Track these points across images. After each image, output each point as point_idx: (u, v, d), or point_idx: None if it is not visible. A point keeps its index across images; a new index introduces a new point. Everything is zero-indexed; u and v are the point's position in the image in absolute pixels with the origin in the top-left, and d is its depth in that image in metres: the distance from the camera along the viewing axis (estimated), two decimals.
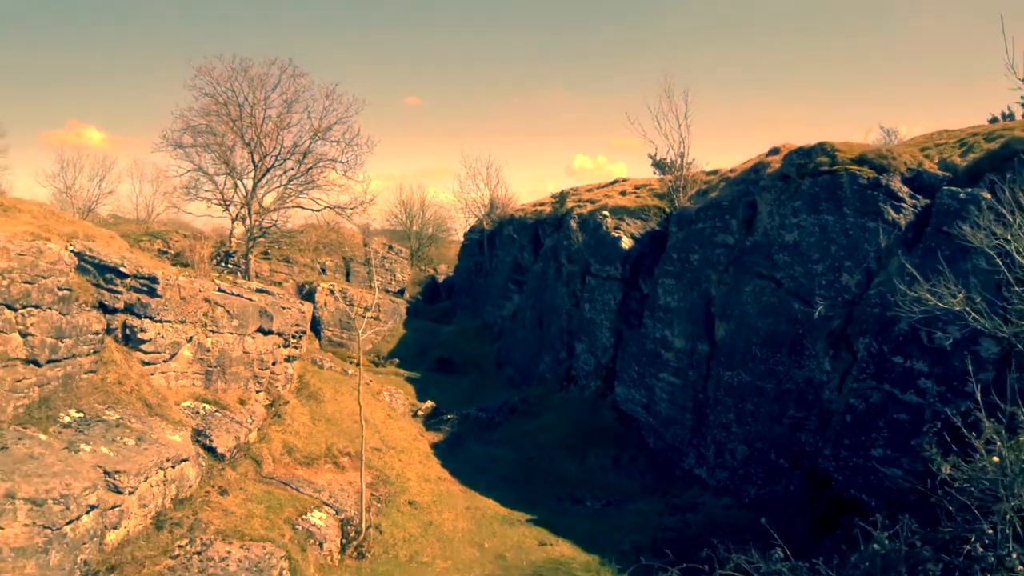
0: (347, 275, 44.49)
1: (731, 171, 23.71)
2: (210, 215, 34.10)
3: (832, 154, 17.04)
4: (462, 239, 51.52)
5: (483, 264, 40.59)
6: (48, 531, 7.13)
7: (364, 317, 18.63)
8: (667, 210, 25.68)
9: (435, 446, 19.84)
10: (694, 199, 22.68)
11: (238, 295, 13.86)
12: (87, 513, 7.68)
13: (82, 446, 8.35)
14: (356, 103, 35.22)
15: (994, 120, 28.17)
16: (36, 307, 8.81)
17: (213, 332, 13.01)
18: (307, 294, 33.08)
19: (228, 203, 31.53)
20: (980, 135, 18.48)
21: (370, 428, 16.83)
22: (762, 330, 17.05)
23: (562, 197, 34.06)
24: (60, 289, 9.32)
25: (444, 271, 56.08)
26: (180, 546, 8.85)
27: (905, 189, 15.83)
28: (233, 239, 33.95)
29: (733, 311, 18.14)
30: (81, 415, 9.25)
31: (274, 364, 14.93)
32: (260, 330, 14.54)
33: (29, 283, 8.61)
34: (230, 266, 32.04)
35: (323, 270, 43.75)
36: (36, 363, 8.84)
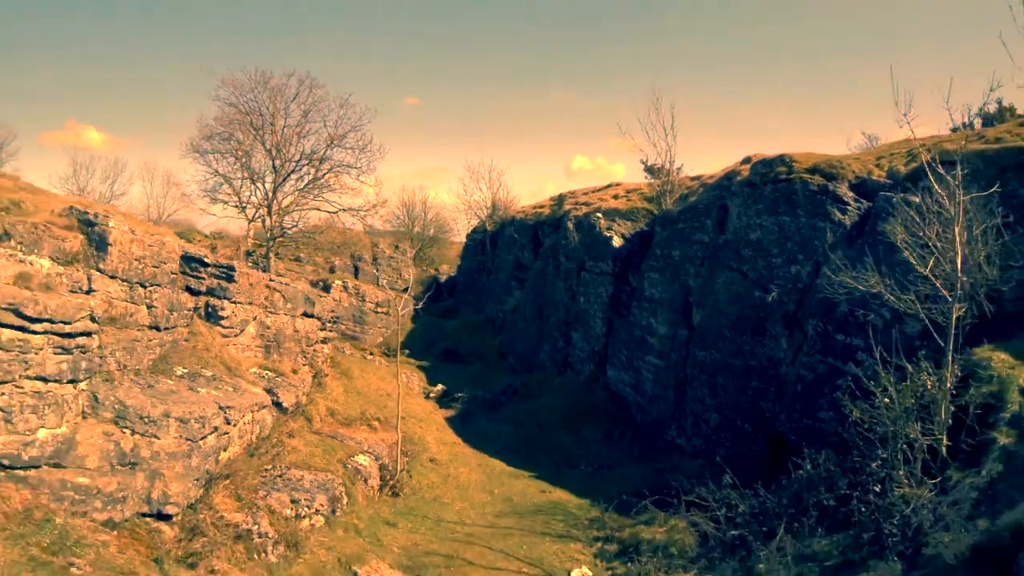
0: (355, 273, 47.47)
1: (709, 177, 26.81)
2: (226, 216, 36.71)
3: (790, 164, 20.12)
4: (464, 239, 54.55)
5: (486, 263, 43.58)
6: (190, 442, 10.09)
7: (401, 299, 21.62)
8: (654, 212, 28.75)
9: (448, 420, 22.83)
10: (677, 203, 25.77)
11: (288, 284, 16.88)
12: (211, 434, 10.65)
13: (199, 389, 11.33)
14: (368, 112, 38.31)
15: (955, 129, 31.57)
16: (158, 285, 11.81)
17: (272, 313, 16.02)
18: (322, 289, 36.06)
19: (245, 205, 34.29)
20: (925, 146, 21.60)
21: (394, 400, 19.78)
22: (731, 315, 20.09)
23: (560, 200, 37.13)
24: (172, 273, 12.33)
25: (446, 271, 58.98)
26: (267, 469, 11.83)
27: (850, 194, 18.87)
28: (249, 239, 36.83)
29: (707, 299, 21.19)
30: (187, 370, 12.24)
31: (315, 343, 17.94)
32: (305, 314, 17.56)
33: (155, 267, 11.61)
34: (249, 263, 35.00)
35: (332, 269, 46.85)
36: (157, 328, 11.83)
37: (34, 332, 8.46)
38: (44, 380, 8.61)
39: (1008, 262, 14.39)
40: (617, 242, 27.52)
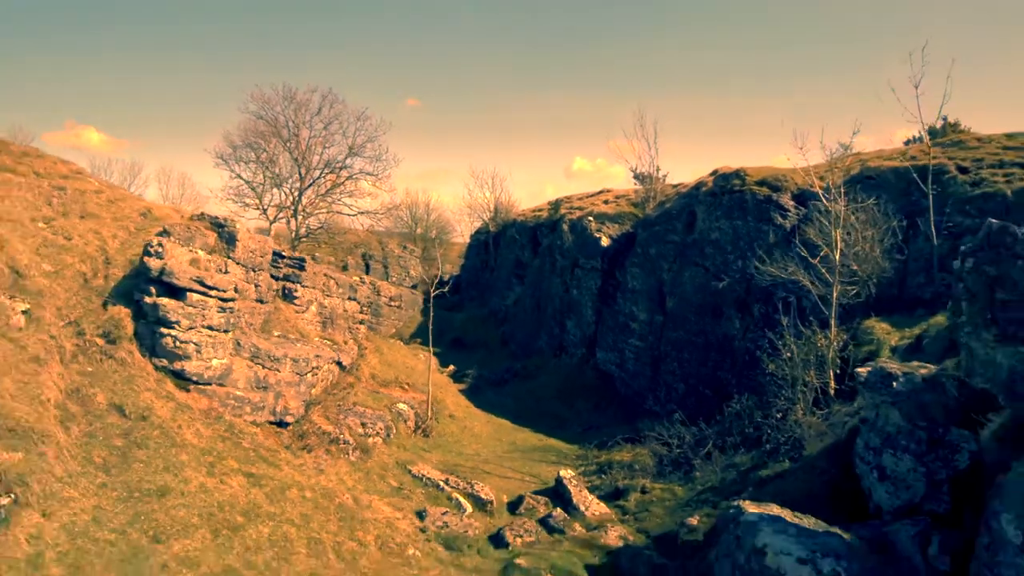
0: (367, 270, 52.34)
1: (684, 186, 31.71)
2: (248, 217, 40.93)
3: (743, 177, 25.00)
4: (466, 240, 59.27)
5: (488, 261, 48.38)
6: (298, 375, 14.86)
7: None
8: (639, 215, 33.61)
9: (461, 391, 27.63)
10: (656, 208, 30.65)
11: (339, 275, 21.71)
12: (309, 372, 15.44)
13: (296, 344, 16.13)
14: (383, 124, 43.12)
15: (909, 142, 36.68)
16: (262, 271, 16.61)
17: (327, 296, 20.83)
18: None
19: (266, 208, 38.86)
20: (858, 162, 26.54)
21: (416, 373, 24.54)
22: (695, 302, 24.93)
23: (557, 204, 42.01)
24: (268, 263, 17.15)
25: (448, 270, 63.69)
26: (340, 403, 16.63)
27: (791, 203, 23.76)
28: (272, 239, 41.58)
29: (677, 290, 26.04)
30: (279, 333, 17.02)
31: (356, 323, 22.79)
32: (350, 298, 22.38)
33: (261, 258, 16.41)
34: None
35: (345, 266, 51.77)
36: (261, 301, 16.61)
37: (208, 296, 13.24)
38: (212, 328, 13.36)
39: (896, 256, 19.25)
40: (605, 242, 32.37)
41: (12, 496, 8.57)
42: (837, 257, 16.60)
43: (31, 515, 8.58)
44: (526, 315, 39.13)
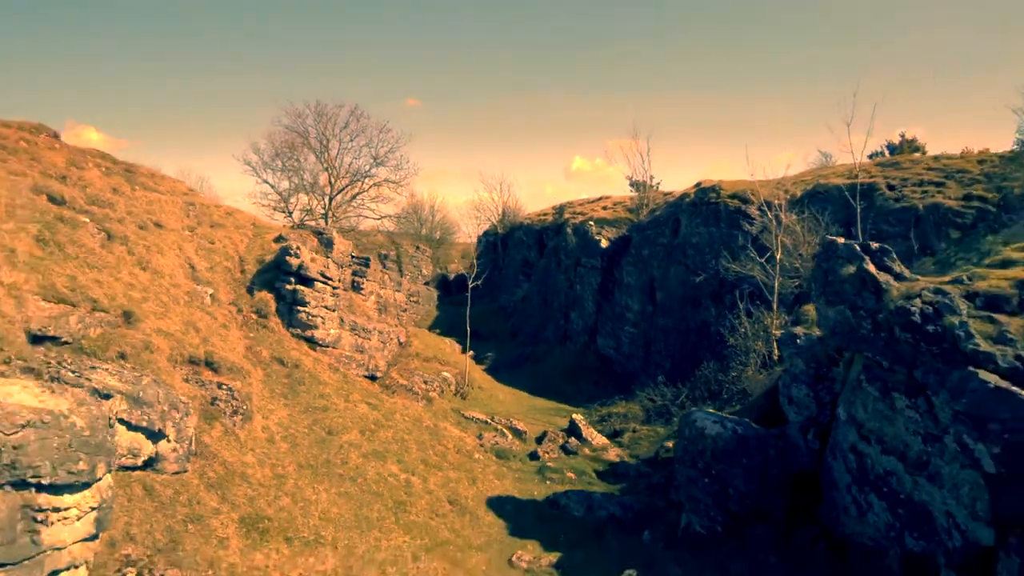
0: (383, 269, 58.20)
1: (672, 194, 37.81)
2: (275, 220, 46.52)
3: (718, 191, 31.11)
4: (470, 240, 65.15)
5: (497, 260, 54.34)
6: (382, 344, 20.87)
7: (471, 283, 32.40)
8: (633, 220, 39.69)
9: (483, 371, 33.59)
10: (648, 215, 36.76)
11: (391, 270, 27.73)
12: (388, 343, 21.45)
13: (373, 321, 22.11)
14: (403, 136, 49.02)
15: (877, 153, 42.96)
16: (346, 266, 22.58)
17: (382, 288, 26.81)
18: None
19: (291, 211, 44.54)
20: (818, 176, 32.71)
21: (446, 354, 30.45)
22: (678, 295, 31.01)
23: (560, 209, 48.08)
24: (348, 262, 23.14)
25: (454, 269, 69.58)
26: (405, 368, 22.62)
27: (756, 213, 29.84)
28: None
29: (665, 284, 32.13)
30: (355, 314, 22.98)
31: (400, 311, 28.78)
32: (396, 289, 28.37)
33: (346, 256, 22.39)
34: None
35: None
36: (344, 289, 22.56)
37: (326, 284, 19.20)
38: (327, 308, 19.30)
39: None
40: (604, 244, 38.45)
41: (245, 406, 14.53)
42: (778, 257, 22.70)
43: (257, 417, 14.52)
44: (533, 309, 45.17)
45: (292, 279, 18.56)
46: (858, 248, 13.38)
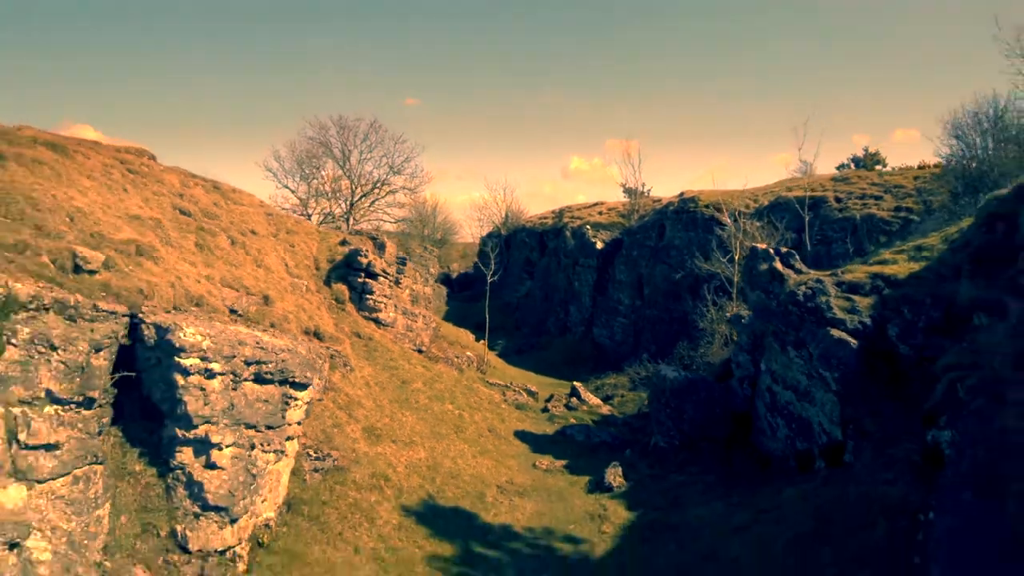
0: None
1: (660, 201, 44.62)
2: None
3: (696, 201, 37.93)
4: (469, 240, 71.61)
5: (502, 260, 60.92)
6: (424, 327, 27.50)
7: (490, 277, 39.06)
8: (625, 224, 46.48)
9: (495, 355, 40.25)
10: (637, 220, 43.56)
11: (421, 268, 34.41)
12: (430, 325, 28.08)
13: (415, 308, 28.73)
14: (417, 147, 55.67)
15: (844, 165, 49.97)
16: (394, 264, 29.21)
17: (414, 284, 33.45)
18: None
19: (310, 215, 51.04)
20: (786, 188, 39.62)
21: (464, 340, 37.07)
22: (663, 289, 37.78)
23: (560, 213, 54.81)
24: (393, 261, 29.78)
25: (456, 268, 76.14)
26: (440, 346, 29.28)
27: (728, 220, 36.68)
28: None
29: (651, 281, 38.91)
30: (402, 302, 29.62)
31: (428, 302, 35.43)
32: (426, 284, 35.06)
33: (393, 256, 29.02)
34: None
35: None
36: (391, 283, 29.21)
37: (386, 279, 25.80)
38: (387, 296, 25.90)
39: None
40: (599, 245, 45.21)
41: (349, 362, 21.13)
42: (737, 257, 29.50)
43: (353, 371, 21.14)
44: (536, 304, 51.90)
45: (362, 274, 25.15)
46: (772, 251, 20.16)
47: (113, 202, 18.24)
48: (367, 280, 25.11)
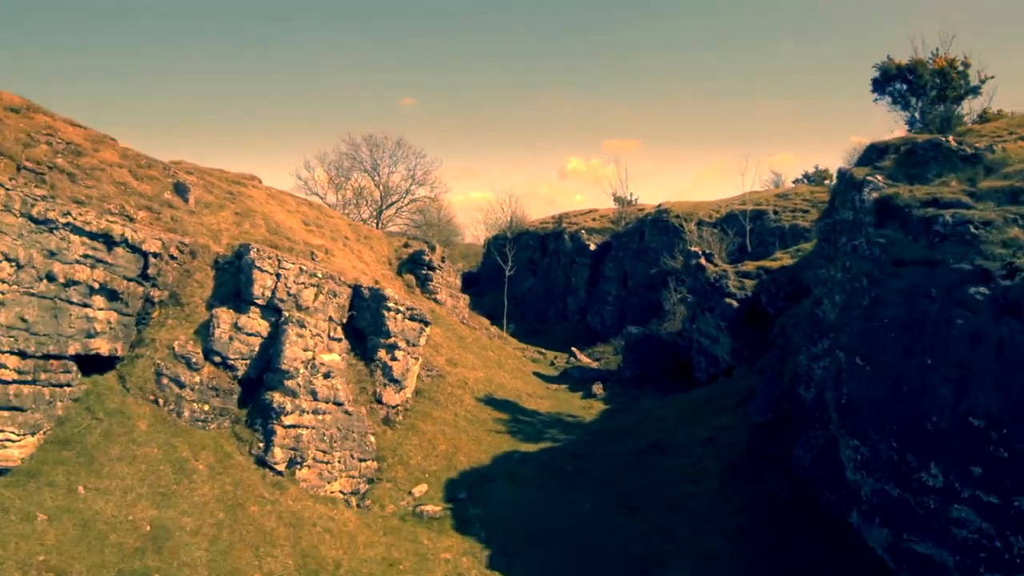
0: None
1: (644, 209, 58.89)
2: None
3: (668, 211, 52.20)
4: (479, 242, 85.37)
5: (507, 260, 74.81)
6: (464, 305, 41.41)
7: (508, 272, 53.11)
8: (615, 229, 60.72)
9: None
10: (623, 227, 57.82)
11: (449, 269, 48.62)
12: (467, 303, 42.04)
13: (456, 294, 42.65)
14: (436, 161, 69.60)
15: (799, 180, 64.39)
16: (444, 260, 43.22)
17: (448, 276, 47.53)
18: None
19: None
20: (740, 202, 54.10)
21: (483, 322, 50.96)
22: (642, 283, 51.96)
23: (560, 219, 69.03)
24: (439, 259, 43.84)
25: (460, 268, 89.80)
26: (471, 320, 43.32)
27: (693, 228, 51.02)
28: None
29: (633, 276, 53.11)
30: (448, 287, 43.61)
31: (458, 290, 49.57)
32: (458, 279, 49.17)
33: (437, 255, 43.03)
34: None
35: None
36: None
37: (439, 272, 39.73)
38: (441, 284, 39.79)
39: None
40: (593, 247, 59.36)
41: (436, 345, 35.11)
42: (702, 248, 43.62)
43: (442, 348, 35.10)
44: (538, 297, 65.98)
45: (425, 268, 39.02)
46: (700, 252, 34.29)
47: (286, 216, 32.04)
48: (428, 271, 38.99)
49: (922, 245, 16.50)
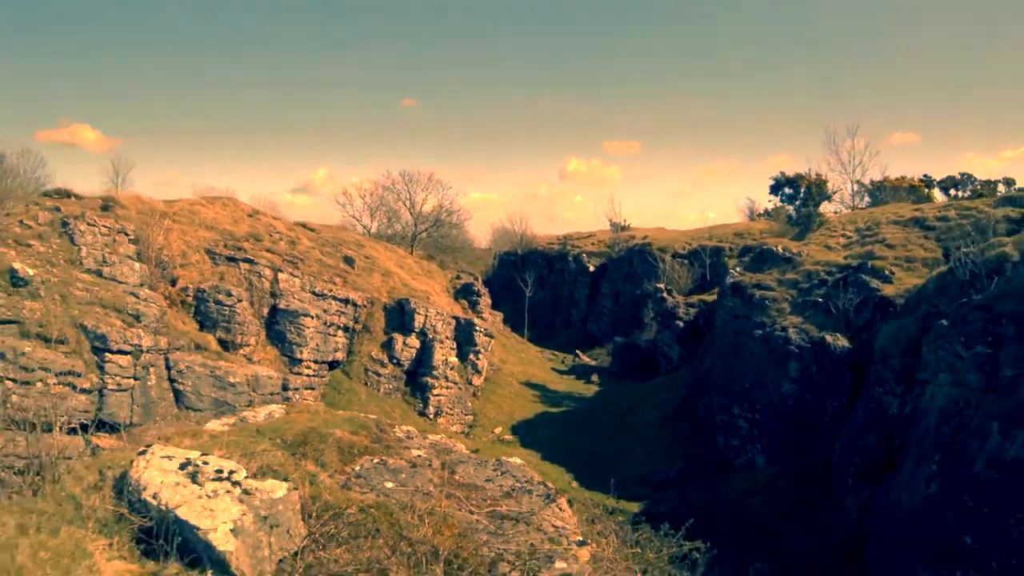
0: None
1: (633, 237, 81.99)
2: None
3: (650, 243, 75.18)
4: (484, 246, 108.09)
5: (517, 274, 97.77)
6: (498, 321, 64.17)
7: (528, 293, 76.23)
8: (610, 254, 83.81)
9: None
10: (616, 252, 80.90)
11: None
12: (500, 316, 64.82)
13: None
14: (460, 191, 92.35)
15: (764, 216, 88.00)
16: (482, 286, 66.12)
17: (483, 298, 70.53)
18: None
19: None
20: (709, 233, 77.64)
21: (506, 331, 73.62)
22: (630, 299, 75.11)
23: (564, 241, 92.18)
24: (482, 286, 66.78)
25: (474, 272, 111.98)
26: (502, 331, 66.27)
27: (668, 257, 74.19)
28: None
29: (623, 294, 76.21)
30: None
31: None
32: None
33: (481, 283, 65.87)
34: None
35: None
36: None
37: (483, 297, 62.43)
38: (484, 305, 62.41)
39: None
40: (592, 268, 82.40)
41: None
42: (662, 285, 66.71)
43: (496, 352, 58.07)
44: (546, 308, 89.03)
45: (474, 295, 61.69)
46: (663, 287, 57.13)
47: (396, 268, 54.78)
48: (476, 297, 61.67)
49: (746, 308, 39.36)
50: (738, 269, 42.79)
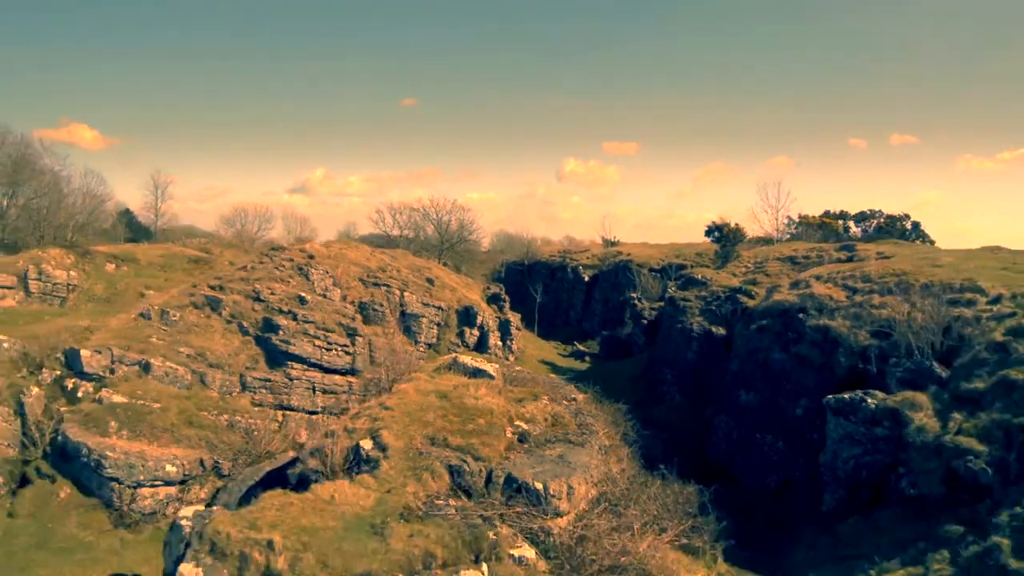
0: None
1: (621, 252, 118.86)
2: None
3: (632, 260, 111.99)
4: (501, 267, 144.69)
5: (524, 282, 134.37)
6: (516, 319, 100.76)
7: (539, 300, 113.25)
8: (601, 267, 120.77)
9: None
10: (607, 266, 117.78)
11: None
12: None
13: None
14: (476, 214, 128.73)
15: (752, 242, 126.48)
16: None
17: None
18: None
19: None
20: (679, 251, 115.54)
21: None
22: (615, 304, 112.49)
23: (565, 253, 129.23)
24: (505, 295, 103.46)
25: (484, 274, 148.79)
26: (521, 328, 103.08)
27: (646, 271, 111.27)
28: None
29: (611, 301, 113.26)
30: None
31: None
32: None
33: (503, 292, 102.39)
34: None
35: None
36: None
37: (507, 303, 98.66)
38: (508, 308, 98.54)
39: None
40: (586, 278, 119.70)
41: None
42: (637, 294, 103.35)
43: (520, 340, 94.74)
44: (549, 310, 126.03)
45: (501, 301, 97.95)
46: (636, 296, 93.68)
47: (452, 282, 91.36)
48: (502, 303, 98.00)
49: (675, 312, 75.92)
50: (673, 288, 78.98)
